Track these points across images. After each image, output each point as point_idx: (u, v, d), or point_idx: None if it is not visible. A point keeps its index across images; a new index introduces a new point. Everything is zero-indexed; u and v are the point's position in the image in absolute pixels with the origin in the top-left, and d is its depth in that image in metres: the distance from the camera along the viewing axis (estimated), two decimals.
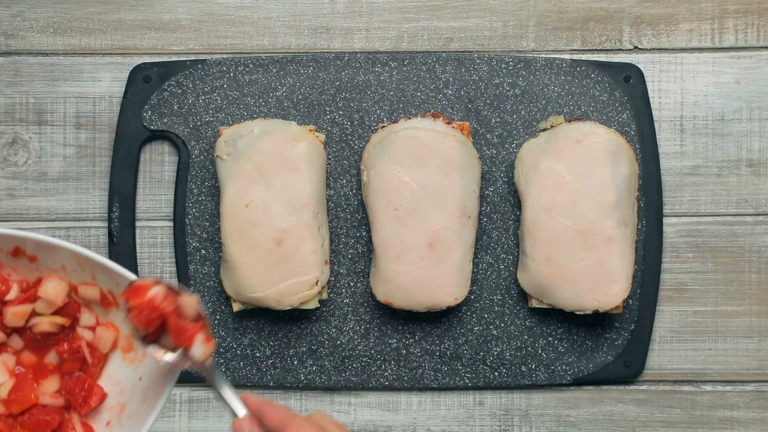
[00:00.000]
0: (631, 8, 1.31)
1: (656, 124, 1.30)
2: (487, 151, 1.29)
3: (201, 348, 1.01)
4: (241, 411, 0.97)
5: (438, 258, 1.23)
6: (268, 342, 1.29)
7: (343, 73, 1.30)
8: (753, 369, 1.30)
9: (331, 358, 1.29)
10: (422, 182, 1.23)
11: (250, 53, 1.32)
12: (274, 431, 0.94)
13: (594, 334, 1.29)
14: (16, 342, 1.12)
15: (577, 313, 1.24)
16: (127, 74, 1.30)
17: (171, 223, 1.30)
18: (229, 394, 0.98)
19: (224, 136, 1.25)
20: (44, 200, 1.31)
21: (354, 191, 1.29)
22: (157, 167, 1.31)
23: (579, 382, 1.30)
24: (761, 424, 1.29)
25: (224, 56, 1.31)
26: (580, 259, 1.22)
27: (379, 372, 1.29)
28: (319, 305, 1.26)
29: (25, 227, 1.30)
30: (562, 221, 1.22)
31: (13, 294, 1.11)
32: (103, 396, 1.11)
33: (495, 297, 1.29)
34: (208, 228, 1.29)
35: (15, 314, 1.10)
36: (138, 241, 1.30)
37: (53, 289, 1.11)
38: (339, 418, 1.30)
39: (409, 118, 1.25)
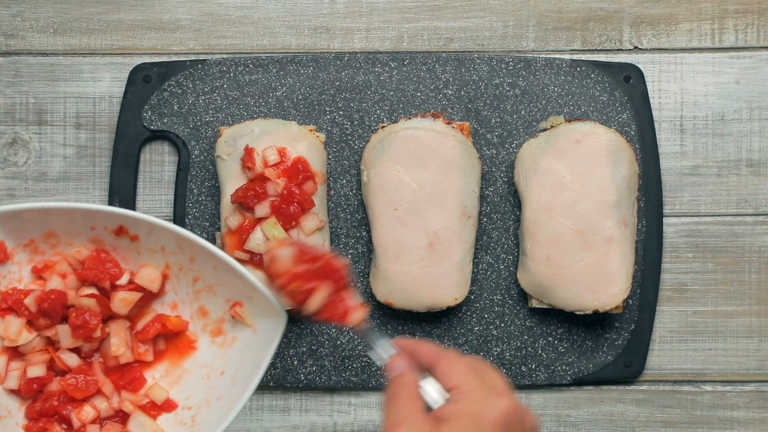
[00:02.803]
0: (631, 8, 1.31)
1: (656, 124, 1.30)
2: (487, 151, 1.29)
3: (357, 315, 1.04)
4: (392, 351, 1.00)
5: (438, 258, 1.23)
6: None
7: (343, 73, 1.30)
8: (753, 369, 1.30)
9: (331, 358, 1.29)
10: (422, 182, 1.23)
11: (250, 53, 1.32)
12: (427, 366, 0.97)
13: (594, 334, 1.29)
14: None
15: (577, 313, 1.24)
16: (127, 74, 1.30)
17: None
18: (381, 339, 1.01)
19: (224, 136, 1.25)
20: (44, 200, 1.31)
21: (354, 191, 1.29)
22: (157, 167, 1.31)
23: (579, 382, 1.30)
24: (761, 424, 1.29)
25: (224, 56, 1.31)
26: (580, 259, 1.22)
27: (379, 372, 1.29)
28: None
29: None
30: (562, 221, 1.22)
31: (124, 279, 1.13)
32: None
33: (495, 297, 1.29)
34: (208, 228, 1.29)
35: (123, 300, 1.13)
36: None
37: (149, 276, 1.14)
38: (339, 418, 1.30)
39: (409, 118, 1.25)
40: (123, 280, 1.14)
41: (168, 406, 1.14)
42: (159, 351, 1.17)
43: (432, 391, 0.96)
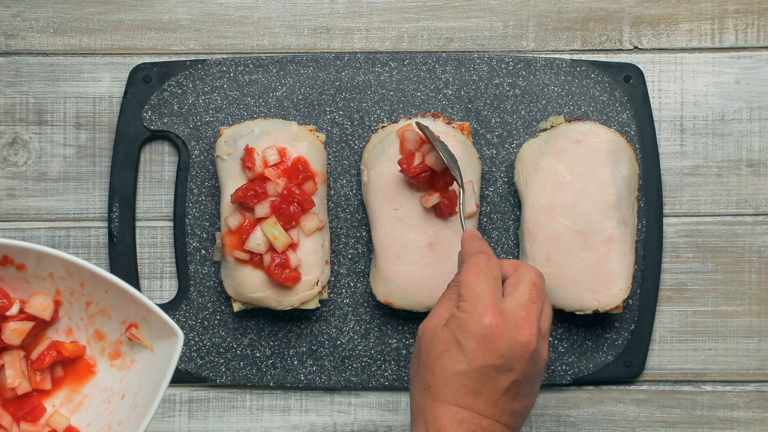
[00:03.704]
0: (631, 8, 1.31)
1: (656, 124, 1.30)
2: (487, 151, 1.29)
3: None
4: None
5: (438, 258, 1.23)
6: (268, 342, 1.29)
7: (343, 73, 1.30)
8: (753, 369, 1.30)
9: (331, 358, 1.29)
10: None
11: (250, 53, 1.32)
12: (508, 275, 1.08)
13: (594, 334, 1.29)
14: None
15: (577, 313, 1.24)
16: (127, 74, 1.30)
17: (171, 223, 1.30)
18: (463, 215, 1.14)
19: (224, 136, 1.25)
20: (44, 200, 1.31)
21: (354, 191, 1.29)
22: (157, 167, 1.31)
23: (579, 382, 1.30)
24: (761, 424, 1.29)
25: (224, 56, 1.31)
26: (580, 259, 1.22)
27: (379, 372, 1.29)
28: (319, 305, 1.26)
29: (25, 227, 1.30)
30: (562, 221, 1.22)
31: (14, 309, 1.12)
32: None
33: None
34: (208, 228, 1.29)
35: (15, 330, 1.11)
36: (138, 241, 1.30)
37: (40, 305, 1.12)
38: (339, 418, 1.30)
39: (409, 118, 1.25)
40: (13, 310, 1.12)
41: None
42: (57, 378, 1.15)
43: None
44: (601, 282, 1.22)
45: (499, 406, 1.02)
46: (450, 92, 1.30)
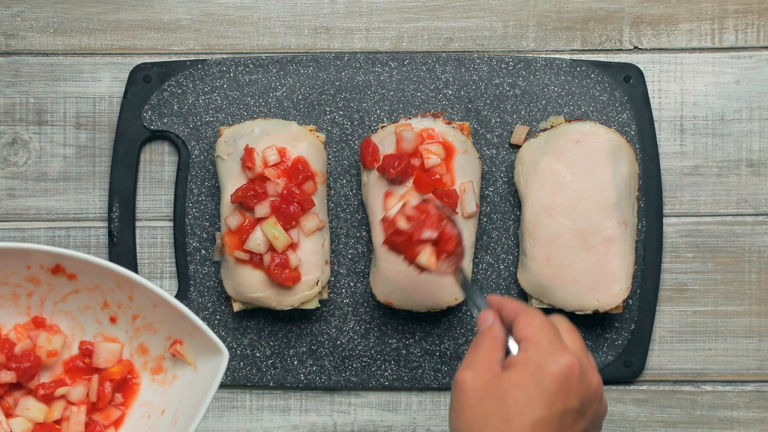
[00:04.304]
0: (631, 8, 1.31)
1: (656, 124, 1.30)
2: (487, 151, 1.29)
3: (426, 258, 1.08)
4: (485, 305, 1.05)
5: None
6: (268, 342, 1.29)
7: (343, 73, 1.30)
8: (753, 369, 1.30)
9: (331, 358, 1.29)
10: None
11: (250, 53, 1.32)
12: (509, 320, 1.02)
13: (594, 334, 1.29)
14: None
15: (577, 313, 1.24)
16: (127, 74, 1.30)
17: (171, 223, 1.30)
18: (476, 294, 1.07)
19: (224, 136, 1.25)
20: (44, 200, 1.31)
21: (354, 191, 1.29)
22: (157, 167, 1.31)
23: None
24: (761, 424, 1.29)
25: (224, 56, 1.31)
26: (580, 259, 1.22)
27: (379, 372, 1.29)
28: (319, 305, 1.26)
29: (25, 227, 1.30)
30: (562, 221, 1.22)
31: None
32: None
33: None
34: (208, 228, 1.29)
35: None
36: (138, 241, 1.30)
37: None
38: (339, 418, 1.30)
39: (409, 118, 1.25)
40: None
41: None
42: (106, 394, 1.16)
43: (513, 346, 1.01)
44: (601, 282, 1.22)
45: None
46: (450, 92, 1.30)
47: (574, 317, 1.28)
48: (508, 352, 1.00)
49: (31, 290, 1.11)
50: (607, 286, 1.22)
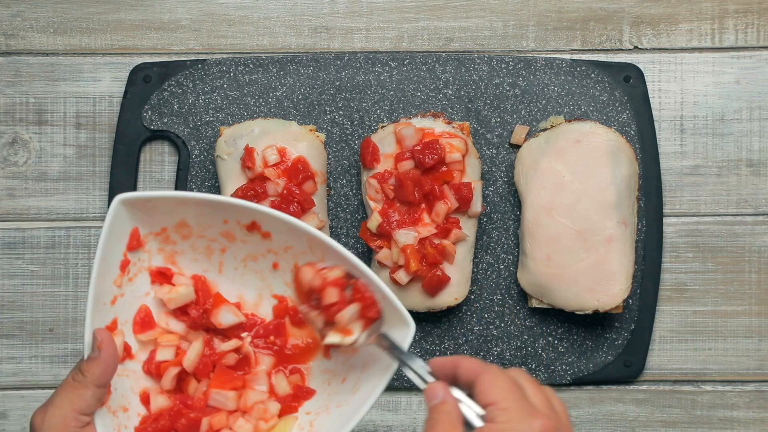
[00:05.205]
0: (631, 8, 1.31)
1: (656, 124, 1.30)
2: (487, 151, 1.29)
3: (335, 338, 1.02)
4: (430, 378, 0.96)
5: None
6: None
7: (343, 73, 1.30)
8: (753, 369, 1.30)
9: None
10: None
11: (250, 53, 1.32)
12: (469, 382, 0.94)
13: (594, 334, 1.29)
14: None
15: (577, 313, 1.24)
16: (127, 74, 1.30)
17: None
18: (417, 363, 0.97)
19: (225, 136, 1.25)
20: (44, 200, 1.31)
21: (354, 191, 1.29)
22: (157, 167, 1.31)
23: (579, 382, 1.29)
24: (761, 424, 1.29)
25: (224, 56, 1.31)
26: (580, 259, 1.22)
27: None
28: None
29: (25, 227, 1.30)
30: (562, 221, 1.22)
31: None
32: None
33: (495, 297, 1.29)
34: None
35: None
36: None
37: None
38: None
39: (409, 118, 1.25)
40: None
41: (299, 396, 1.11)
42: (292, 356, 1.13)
43: (471, 412, 0.93)
44: (601, 282, 1.22)
45: None
46: (450, 92, 1.30)
47: (574, 317, 1.28)
48: (468, 423, 0.92)
49: (225, 246, 1.11)
50: (607, 285, 1.22)
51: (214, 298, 1.10)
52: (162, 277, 1.09)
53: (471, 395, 0.93)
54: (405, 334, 1.02)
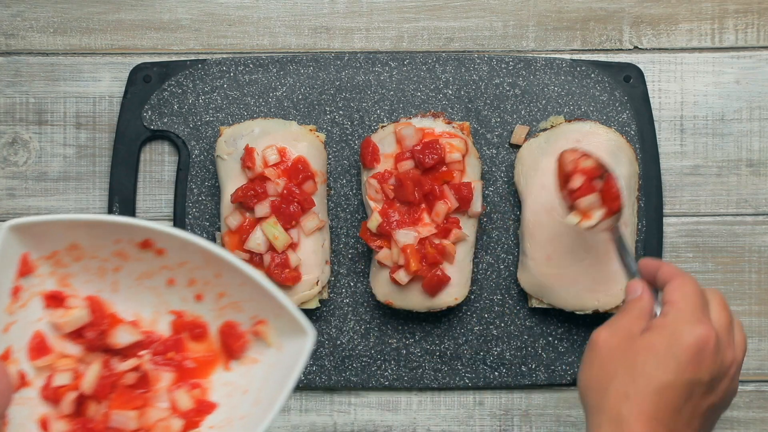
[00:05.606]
0: (631, 8, 1.31)
1: (656, 124, 1.30)
2: (487, 151, 1.29)
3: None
4: (635, 272, 1.08)
5: None
6: None
7: (343, 73, 1.30)
8: (753, 369, 1.30)
9: (331, 358, 1.29)
10: None
11: (250, 53, 1.32)
12: (664, 283, 1.03)
13: None
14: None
15: (578, 312, 1.24)
16: (127, 74, 1.30)
17: (171, 223, 1.30)
18: (628, 255, 1.09)
19: (225, 136, 1.25)
20: (44, 200, 1.31)
21: (354, 191, 1.29)
22: (157, 167, 1.31)
23: None
24: (761, 424, 1.29)
25: (224, 56, 1.31)
26: (580, 259, 1.22)
27: (379, 372, 1.29)
28: (319, 305, 1.26)
29: None
30: (563, 221, 1.22)
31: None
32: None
33: (495, 297, 1.29)
34: (208, 228, 1.29)
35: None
36: None
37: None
38: (339, 418, 1.30)
39: (409, 118, 1.25)
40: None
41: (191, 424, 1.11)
42: (188, 369, 1.13)
43: (659, 310, 1.02)
44: (602, 282, 1.22)
45: (691, 427, 0.98)
46: (450, 92, 1.30)
47: (574, 317, 1.28)
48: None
49: (119, 265, 1.11)
50: (608, 286, 1.22)
51: (109, 318, 1.09)
52: (55, 300, 1.08)
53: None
54: (304, 343, 1.04)
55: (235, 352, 1.11)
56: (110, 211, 1.29)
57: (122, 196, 1.29)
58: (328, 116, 1.30)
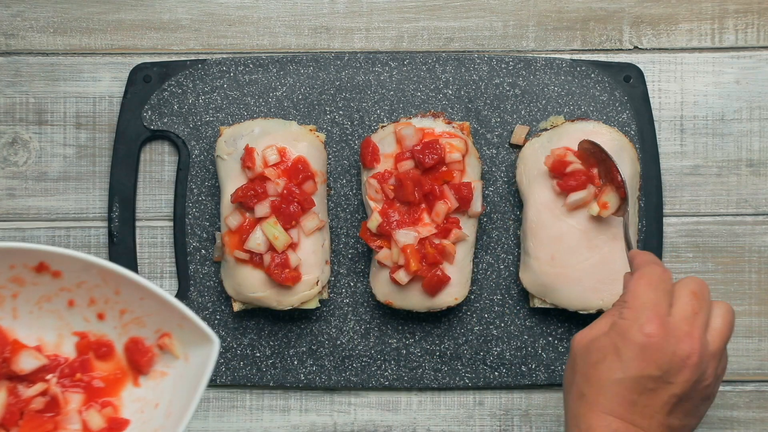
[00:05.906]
0: (631, 8, 1.31)
1: (656, 124, 1.30)
2: (487, 151, 1.29)
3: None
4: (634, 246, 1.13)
5: None
6: (268, 342, 1.29)
7: (343, 73, 1.30)
8: (753, 369, 1.30)
9: (331, 358, 1.29)
10: None
11: (250, 53, 1.32)
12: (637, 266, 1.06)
13: None
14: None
15: (581, 312, 1.23)
16: (127, 74, 1.30)
17: (171, 223, 1.30)
18: (629, 239, 1.13)
19: (225, 136, 1.25)
20: (44, 200, 1.31)
21: (354, 191, 1.29)
22: (157, 167, 1.31)
23: None
24: (761, 424, 1.29)
25: (224, 56, 1.31)
26: (584, 258, 1.22)
27: (379, 372, 1.29)
28: (319, 305, 1.26)
29: (25, 227, 1.30)
30: (566, 221, 1.22)
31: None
32: None
33: (495, 297, 1.29)
34: (208, 228, 1.29)
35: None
36: (138, 241, 1.30)
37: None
38: (339, 418, 1.30)
39: (409, 118, 1.25)
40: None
41: None
42: (96, 389, 1.14)
43: None
44: (605, 281, 1.22)
45: (655, 419, 1.00)
46: (450, 92, 1.30)
47: (574, 317, 1.28)
48: None
49: (16, 291, 1.11)
50: (611, 285, 1.22)
51: (11, 345, 1.09)
52: None
53: None
54: (209, 351, 1.05)
55: (143, 368, 1.11)
56: (110, 211, 1.29)
57: (122, 196, 1.29)
58: (328, 116, 1.30)
